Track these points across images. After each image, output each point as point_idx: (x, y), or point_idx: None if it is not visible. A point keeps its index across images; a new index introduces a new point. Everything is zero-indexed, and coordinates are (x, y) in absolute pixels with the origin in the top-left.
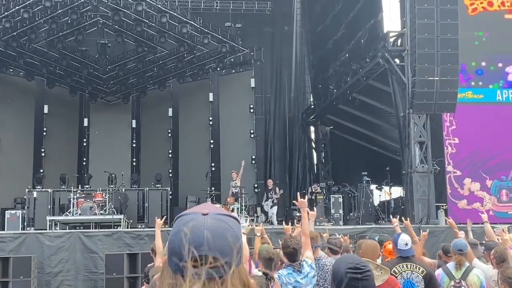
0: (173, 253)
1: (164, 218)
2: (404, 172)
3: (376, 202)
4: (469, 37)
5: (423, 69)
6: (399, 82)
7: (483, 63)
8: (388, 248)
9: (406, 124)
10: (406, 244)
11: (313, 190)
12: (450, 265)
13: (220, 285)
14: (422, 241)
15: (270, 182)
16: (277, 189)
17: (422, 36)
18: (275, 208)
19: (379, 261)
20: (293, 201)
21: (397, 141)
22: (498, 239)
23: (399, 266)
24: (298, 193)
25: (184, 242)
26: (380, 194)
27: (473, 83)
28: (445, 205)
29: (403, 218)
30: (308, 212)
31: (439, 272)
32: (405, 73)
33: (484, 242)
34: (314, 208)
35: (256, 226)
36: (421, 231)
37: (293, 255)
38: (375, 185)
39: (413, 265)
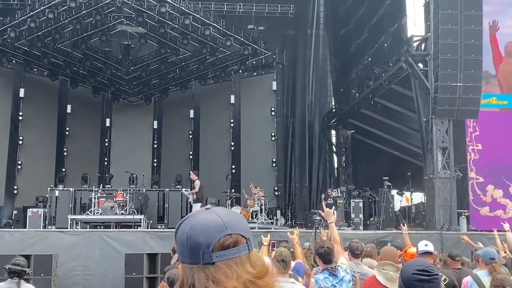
0: (196, 246)
1: None
2: (426, 177)
3: (396, 208)
4: None
5: (446, 75)
6: (422, 87)
7: None
8: (409, 252)
9: (429, 130)
10: (426, 245)
11: (328, 195)
12: (481, 273)
13: (239, 263)
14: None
15: (193, 175)
16: (197, 182)
17: (445, 42)
18: (199, 205)
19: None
20: (319, 211)
21: (419, 147)
22: None
23: None
24: (322, 198)
25: (205, 231)
26: (401, 200)
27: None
28: (467, 212)
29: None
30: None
31: (468, 280)
32: (428, 78)
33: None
34: (335, 212)
35: (264, 237)
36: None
37: (327, 255)
38: (396, 190)
39: None
